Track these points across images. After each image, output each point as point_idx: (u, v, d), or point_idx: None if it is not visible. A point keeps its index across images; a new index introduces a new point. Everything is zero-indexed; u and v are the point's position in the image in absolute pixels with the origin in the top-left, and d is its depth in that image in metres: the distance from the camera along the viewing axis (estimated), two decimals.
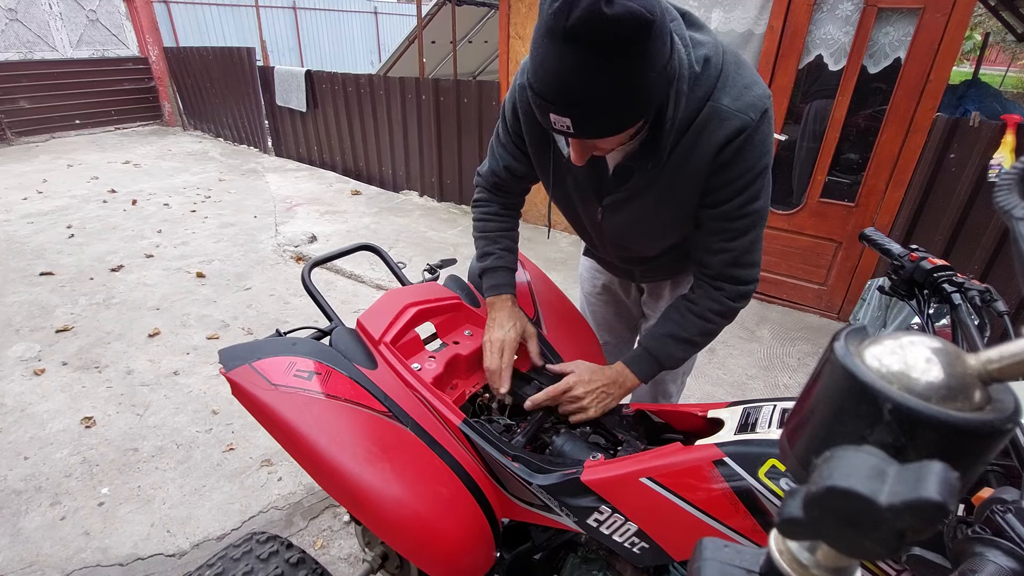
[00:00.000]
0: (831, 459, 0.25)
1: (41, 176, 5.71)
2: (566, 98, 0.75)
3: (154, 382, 2.52)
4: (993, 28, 10.43)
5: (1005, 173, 0.47)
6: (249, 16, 10.21)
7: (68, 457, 2.08)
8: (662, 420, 1.03)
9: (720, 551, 0.33)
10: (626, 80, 0.73)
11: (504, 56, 4.13)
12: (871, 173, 2.96)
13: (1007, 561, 0.44)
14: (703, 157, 0.92)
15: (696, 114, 0.90)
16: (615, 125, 0.79)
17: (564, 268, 3.74)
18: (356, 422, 0.93)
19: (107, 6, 7.82)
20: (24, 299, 3.21)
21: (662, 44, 0.74)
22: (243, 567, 1.06)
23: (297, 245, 4.08)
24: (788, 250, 3.38)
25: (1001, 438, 0.24)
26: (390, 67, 6.81)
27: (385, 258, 1.47)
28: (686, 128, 0.91)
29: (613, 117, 0.77)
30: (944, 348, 0.27)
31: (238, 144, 7.57)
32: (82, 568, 1.67)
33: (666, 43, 0.76)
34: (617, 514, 0.84)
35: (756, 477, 0.71)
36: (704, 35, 0.92)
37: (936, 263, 0.97)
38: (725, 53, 0.92)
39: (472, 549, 0.94)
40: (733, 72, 0.91)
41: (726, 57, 0.92)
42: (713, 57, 0.90)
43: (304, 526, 1.86)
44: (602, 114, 0.76)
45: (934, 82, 2.66)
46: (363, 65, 12.96)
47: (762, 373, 2.77)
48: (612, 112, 0.76)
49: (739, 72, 0.92)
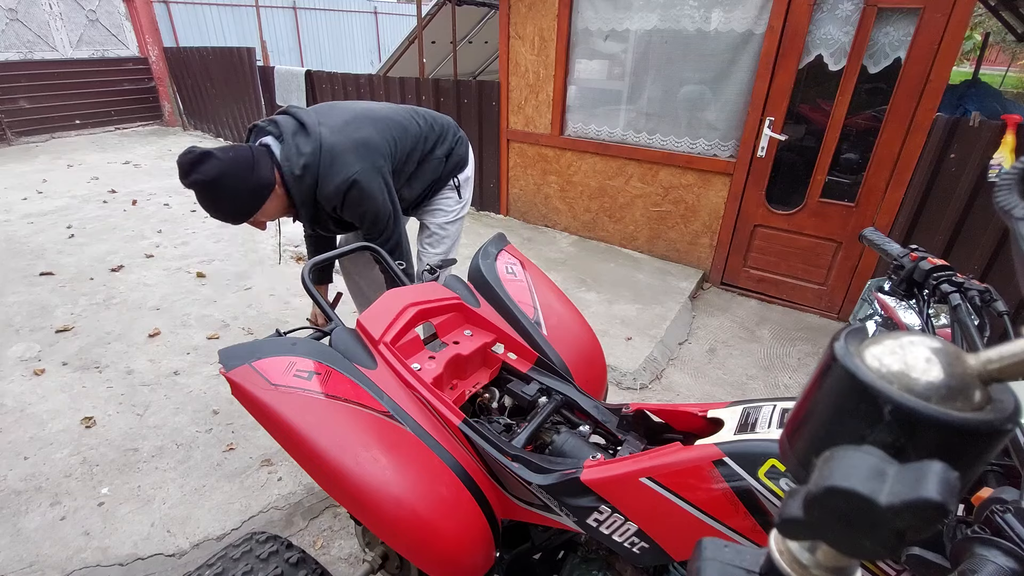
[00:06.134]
0: (831, 459, 0.25)
1: (41, 176, 5.71)
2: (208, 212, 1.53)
3: (154, 382, 2.52)
4: (993, 28, 10.43)
5: (1005, 173, 0.47)
6: (249, 16, 10.21)
7: (68, 457, 2.07)
8: (662, 420, 1.03)
9: (720, 551, 0.33)
10: (219, 202, 1.51)
11: (504, 56, 4.13)
12: (871, 173, 2.96)
13: (1006, 561, 0.44)
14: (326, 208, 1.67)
15: (313, 197, 1.63)
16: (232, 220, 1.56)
17: (564, 268, 3.74)
18: (356, 422, 0.93)
19: (107, 6, 7.82)
20: (24, 299, 3.21)
21: (235, 182, 1.47)
22: (243, 567, 1.06)
23: (297, 245, 4.08)
24: (788, 250, 3.38)
25: (1001, 438, 0.24)
26: (390, 67, 6.81)
27: (385, 258, 1.47)
28: (312, 201, 1.64)
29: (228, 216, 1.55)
30: (944, 348, 0.27)
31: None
32: (82, 568, 1.67)
33: (241, 180, 1.48)
34: (617, 514, 0.84)
35: (756, 477, 0.71)
36: (308, 143, 1.56)
37: (936, 263, 0.97)
38: (321, 157, 1.56)
39: (472, 549, 0.94)
40: (325, 173, 1.58)
41: (321, 160, 1.56)
42: (310, 163, 1.55)
43: (304, 526, 1.86)
44: (222, 216, 1.54)
45: (934, 82, 2.67)
46: (363, 65, 12.95)
47: (762, 373, 2.77)
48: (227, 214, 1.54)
49: (331, 169, 1.58)
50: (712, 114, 3.39)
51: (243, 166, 1.48)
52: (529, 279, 1.40)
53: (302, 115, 1.62)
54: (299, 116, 1.61)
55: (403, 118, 1.83)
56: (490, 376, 1.22)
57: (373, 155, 1.66)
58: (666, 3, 3.31)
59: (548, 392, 1.16)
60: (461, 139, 2.03)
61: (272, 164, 1.55)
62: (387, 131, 1.74)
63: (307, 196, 1.61)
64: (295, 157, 1.54)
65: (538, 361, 1.22)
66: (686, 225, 3.74)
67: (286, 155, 1.55)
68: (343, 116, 1.68)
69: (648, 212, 3.89)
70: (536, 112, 4.14)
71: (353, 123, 1.67)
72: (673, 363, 2.85)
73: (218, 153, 1.46)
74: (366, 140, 1.66)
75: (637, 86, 3.62)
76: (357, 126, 1.67)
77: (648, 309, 3.22)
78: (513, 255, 1.47)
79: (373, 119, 1.73)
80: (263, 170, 1.51)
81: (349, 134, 1.63)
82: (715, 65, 3.27)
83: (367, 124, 1.70)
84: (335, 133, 1.61)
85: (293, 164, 1.54)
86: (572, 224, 4.37)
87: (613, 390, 2.58)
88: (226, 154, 1.47)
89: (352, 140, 1.63)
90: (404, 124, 1.82)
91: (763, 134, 3.18)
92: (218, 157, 1.45)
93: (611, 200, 4.04)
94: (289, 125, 1.59)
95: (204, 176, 1.43)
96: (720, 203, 3.53)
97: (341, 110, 1.72)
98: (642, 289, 3.48)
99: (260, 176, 1.50)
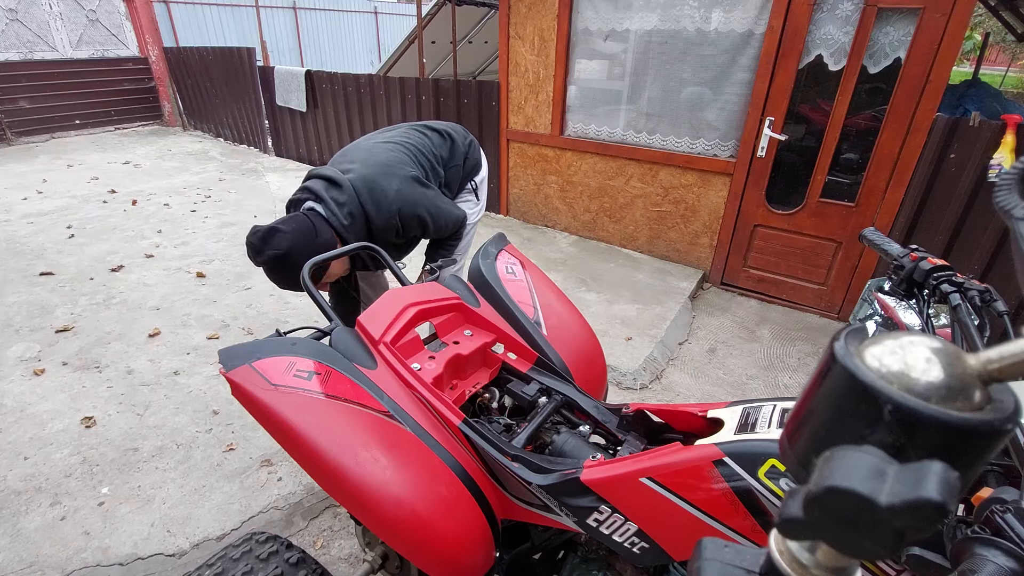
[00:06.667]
0: (831, 459, 0.25)
1: (41, 176, 5.71)
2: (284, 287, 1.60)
3: (154, 382, 2.52)
4: (993, 28, 10.43)
5: (1005, 173, 0.47)
6: (249, 16, 10.21)
7: (68, 457, 2.07)
8: (662, 420, 1.03)
9: (720, 551, 0.33)
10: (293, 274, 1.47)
11: (504, 56, 4.13)
12: (871, 173, 2.96)
13: (1006, 561, 0.44)
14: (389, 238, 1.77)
15: (368, 235, 1.72)
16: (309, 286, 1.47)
17: (564, 268, 3.74)
18: (356, 422, 0.93)
19: (107, 6, 7.81)
20: (24, 299, 3.21)
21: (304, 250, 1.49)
22: (243, 567, 1.06)
23: None
24: (788, 250, 3.38)
25: (1001, 438, 0.24)
26: (390, 67, 6.81)
27: (385, 258, 1.47)
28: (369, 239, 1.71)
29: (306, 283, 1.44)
30: (944, 348, 0.27)
31: (238, 144, 7.57)
32: (82, 568, 1.67)
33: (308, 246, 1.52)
34: (617, 514, 0.84)
35: (756, 477, 0.71)
36: (342, 193, 1.64)
37: (936, 263, 0.97)
38: (359, 195, 1.66)
39: (472, 549, 0.94)
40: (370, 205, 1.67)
41: (361, 198, 1.66)
42: (353, 208, 1.65)
43: (304, 526, 1.86)
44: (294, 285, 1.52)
45: (934, 82, 2.67)
46: (363, 65, 12.96)
47: (762, 373, 2.77)
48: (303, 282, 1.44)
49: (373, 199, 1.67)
50: (712, 114, 3.39)
51: (307, 233, 1.55)
52: (529, 279, 1.40)
53: (326, 172, 1.71)
54: (324, 174, 1.71)
55: (414, 135, 1.95)
56: (490, 376, 1.22)
57: (401, 168, 1.76)
58: (666, 3, 3.31)
59: (548, 392, 1.16)
60: (473, 143, 2.13)
61: (326, 224, 1.63)
62: (404, 148, 1.85)
63: (363, 236, 1.70)
64: (338, 209, 1.63)
65: (538, 361, 1.22)
66: (686, 225, 3.74)
67: (330, 211, 1.63)
68: (359, 154, 1.79)
69: (648, 212, 3.89)
70: (536, 112, 4.14)
71: (370, 154, 1.78)
72: (673, 363, 2.85)
73: (282, 226, 1.53)
74: (387, 162, 1.76)
75: (637, 86, 3.62)
76: (375, 155, 1.78)
77: (648, 309, 3.22)
78: (513, 255, 1.48)
79: (386, 145, 1.84)
80: (323, 232, 1.59)
81: (371, 164, 1.74)
82: (715, 65, 3.27)
83: (382, 150, 1.80)
84: (359, 169, 1.71)
85: (340, 216, 1.63)
86: (572, 224, 4.37)
87: (613, 390, 2.58)
88: (289, 225, 1.54)
89: (378, 166, 1.73)
90: (415, 140, 1.92)
91: (763, 134, 3.18)
92: (284, 230, 1.52)
93: (611, 200, 4.04)
94: (319, 186, 1.68)
95: (277, 250, 1.50)
96: (720, 203, 3.53)
97: (355, 149, 1.84)
98: (642, 289, 3.48)
99: (323, 238, 1.58)
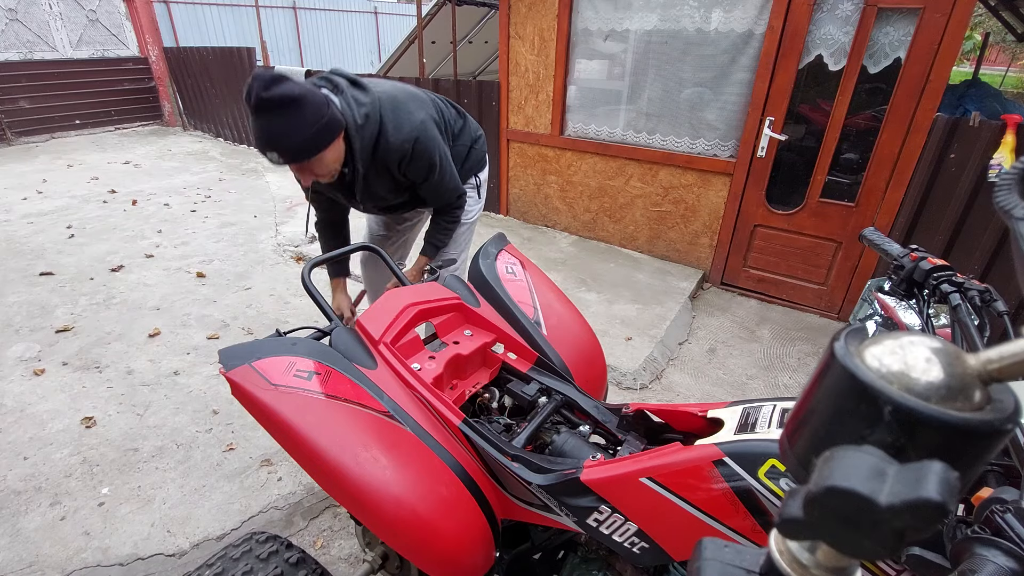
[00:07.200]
0: (831, 459, 0.25)
1: (41, 176, 5.71)
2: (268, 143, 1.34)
3: (154, 382, 2.52)
4: (993, 28, 10.43)
5: (1005, 173, 0.47)
6: (249, 16, 10.21)
7: (68, 457, 2.07)
8: (662, 420, 1.03)
9: (720, 551, 0.33)
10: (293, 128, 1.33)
11: (504, 56, 4.13)
12: (871, 173, 2.96)
13: (1006, 561, 0.44)
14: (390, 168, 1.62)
15: (373, 149, 1.55)
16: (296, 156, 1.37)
17: (564, 268, 3.74)
18: (356, 422, 0.93)
19: (107, 6, 7.81)
20: (24, 299, 3.21)
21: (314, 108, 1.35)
22: (243, 567, 1.06)
23: (297, 245, 4.08)
24: (788, 250, 3.38)
25: (1001, 438, 0.24)
26: (390, 67, 6.80)
27: (385, 258, 1.47)
28: (370, 157, 1.57)
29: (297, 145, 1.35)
30: (944, 348, 0.27)
31: (238, 144, 7.57)
32: (82, 568, 1.67)
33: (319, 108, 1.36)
34: (617, 514, 0.84)
35: (756, 477, 0.71)
36: (366, 95, 1.52)
37: (936, 263, 0.97)
38: (382, 106, 1.53)
39: (472, 549, 0.94)
40: (390, 119, 1.54)
41: (383, 111, 1.53)
42: (371, 112, 1.51)
43: (304, 526, 1.86)
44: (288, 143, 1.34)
45: (934, 82, 2.66)
46: (363, 65, 12.95)
47: (762, 373, 2.77)
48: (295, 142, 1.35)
49: (395, 116, 1.55)
50: (712, 114, 3.39)
51: (320, 98, 1.38)
52: (529, 279, 1.40)
53: (351, 74, 1.59)
54: (349, 75, 1.58)
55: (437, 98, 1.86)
56: (490, 376, 1.22)
57: (428, 108, 1.68)
58: (666, 3, 3.31)
59: (548, 392, 1.16)
60: (482, 136, 2.06)
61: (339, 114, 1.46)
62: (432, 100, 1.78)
63: (367, 147, 1.54)
64: (355, 106, 1.48)
65: (538, 361, 1.22)
66: (686, 225, 3.74)
67: (346, 104, 1.48)
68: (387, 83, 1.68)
69: (648, 212, 3.89)
70: (536, 112, 4.14)
71: (398, 86, 1.68)
72: (673, 363, 2.85)
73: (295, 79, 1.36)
74: (417, 96, 1.68)
75: (637, 86, 3.62)
76: (405, 87, 1.69)
77: (648, 309, 3.22)
78: (513, 255, 1.48)
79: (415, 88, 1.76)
80: (335, 110, 1.42)
81: (401, 90, 1.64)
82: (715, 65, 3.27)
83: (412, 88, 1.73)
84: (389, 90, 1.61)
85: (355, 113, 1.48)
86: (572, 224, 4.37)
87: (613, 390, 2.58)
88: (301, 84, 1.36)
89: (407, 94, 1.65)
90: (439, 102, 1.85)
91: (763, 134, 3.17)
92: (295, 81, 1.34)
93: (611, 200, 4.04)
94: (342, 81, 1.54)
95: (288, 92, 1.29)
96: (720, 203, 3.53)
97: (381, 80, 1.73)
98: (642, 289, 3.48)
99: (334, 113, 1.41)
